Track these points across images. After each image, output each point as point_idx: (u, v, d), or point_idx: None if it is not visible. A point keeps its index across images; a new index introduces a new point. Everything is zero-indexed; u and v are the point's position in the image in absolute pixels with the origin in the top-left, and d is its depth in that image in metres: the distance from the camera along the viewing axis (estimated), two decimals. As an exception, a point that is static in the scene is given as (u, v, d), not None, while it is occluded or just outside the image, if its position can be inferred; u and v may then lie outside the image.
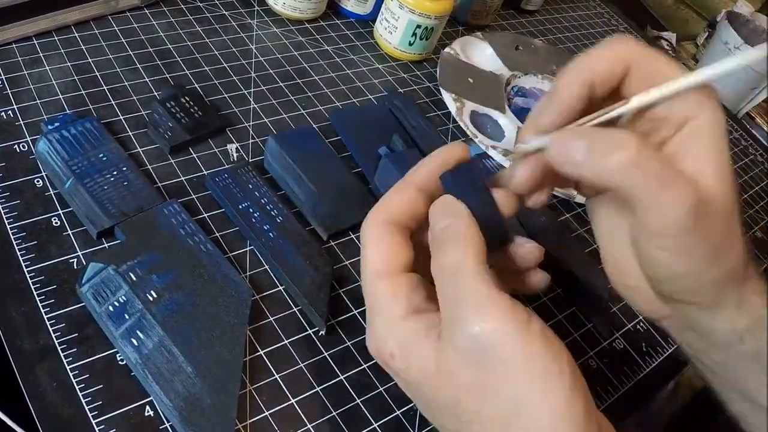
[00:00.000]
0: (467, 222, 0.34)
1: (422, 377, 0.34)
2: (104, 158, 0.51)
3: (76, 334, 0.43)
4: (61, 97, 0.56)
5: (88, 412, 0.40)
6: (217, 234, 0.52)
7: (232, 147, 0.59)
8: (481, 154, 0.66)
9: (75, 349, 0.42)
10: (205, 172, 0.55)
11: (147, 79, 0.61)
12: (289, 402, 0.44)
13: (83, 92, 0.58)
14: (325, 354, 0.48)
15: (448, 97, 0.70)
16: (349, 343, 0.49)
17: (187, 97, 0.59)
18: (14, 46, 0.59)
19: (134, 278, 0.44)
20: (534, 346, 0.31)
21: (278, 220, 0.52)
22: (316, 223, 0.55)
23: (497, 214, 0.37)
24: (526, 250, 0.38)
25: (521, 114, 0.74)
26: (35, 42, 0.60)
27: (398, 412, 0.46)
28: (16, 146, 0.51)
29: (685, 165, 0.34)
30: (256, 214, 0.52)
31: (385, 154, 0.60)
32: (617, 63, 0.35)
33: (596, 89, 0.35)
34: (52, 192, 0.50)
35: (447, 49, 0.76)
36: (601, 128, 0.34)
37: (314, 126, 0.64)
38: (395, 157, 0.60)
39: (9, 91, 0.55)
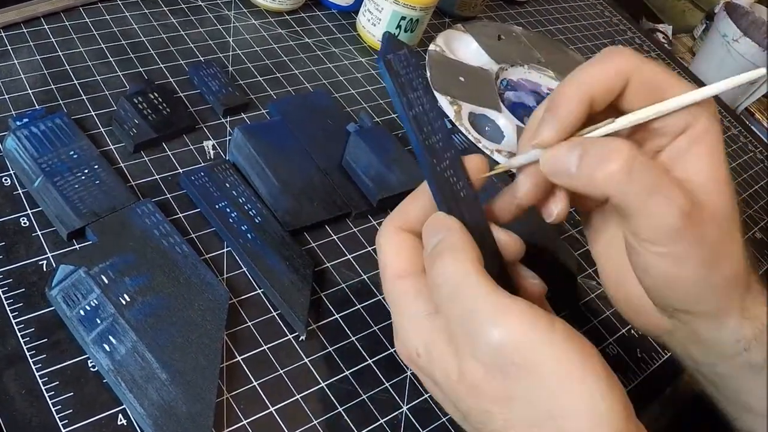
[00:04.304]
0: (460, 233, 0.34)
1: (446, 383, 0.34)
2: (75, 156, 0.51)
3: (46, 340, 0.43)
4: (30, 91, 0.57)
5: (58, 420, 0.40)
6: (193, 235, 0.52)
7: (208, 144, 0.59)
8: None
9: (44, 355, 0.42)
10: (180, 171, 0.56)
11: (119, 73, 0.62)
12: (268, 410, 0.45)
13: (53, 87, 0.58)
14: (306, 360, 0.48)
15: (444, 101, 0.68)
16: (330, 349, 0.49)
17: (155, 93, 0.59)
18: (-20, 38, 0.59)
19: (106, 281, 0.44)
20: (563, 350, 0.31)
21: (257, 221, 0.53)
22: (274, 219, 0.54)
23: (484, 221, 0.37)
24: (530, 284, 0.38)
25: (516, 110, 0.75)
26: (3, 34, 0.60)
27: (382, 421, 0.47)
28: (-19, 143, 0.52)
29: (681, 172, 0.36)
30: (233, 214, 0.52)
31: (354, 131, 0.61)
32: (617, 77, 0.36)
33: (595, 105, 0.36)
34: (20, 191, 0.50)
35: (432, 46, 0.76)
36: (593, 138, 0.36)
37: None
38: (364, 133, 0.61)
39: (-26, 86, 0.55)
